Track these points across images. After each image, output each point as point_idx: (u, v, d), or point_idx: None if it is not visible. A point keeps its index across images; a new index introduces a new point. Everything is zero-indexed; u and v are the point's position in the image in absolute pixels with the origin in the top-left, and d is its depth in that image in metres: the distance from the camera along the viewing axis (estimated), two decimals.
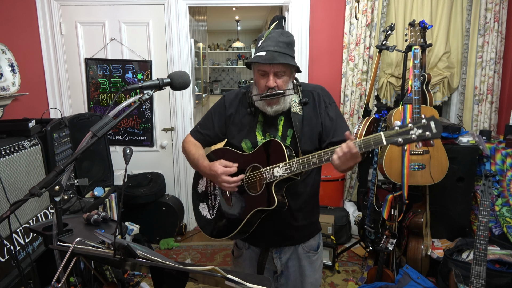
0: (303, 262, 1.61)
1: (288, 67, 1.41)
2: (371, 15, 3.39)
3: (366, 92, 3.48)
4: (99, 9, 3.45)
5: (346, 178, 3.76)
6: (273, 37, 1.41)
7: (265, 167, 1.42)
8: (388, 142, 1.15)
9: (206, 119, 1.65)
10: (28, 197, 1.02)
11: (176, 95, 3.61)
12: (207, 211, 1.63)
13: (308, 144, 1.47)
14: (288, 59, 1.39)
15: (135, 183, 3.54)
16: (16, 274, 1.77)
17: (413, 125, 1.12)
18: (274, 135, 1.50)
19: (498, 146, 3.00)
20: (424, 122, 1.11)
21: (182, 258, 3.34)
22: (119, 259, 0.98)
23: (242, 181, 1.49)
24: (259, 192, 1.44)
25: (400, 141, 1.14)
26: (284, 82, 1.42)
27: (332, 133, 1.47)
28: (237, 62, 8.86)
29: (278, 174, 1.38)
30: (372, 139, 1.19)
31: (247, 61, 1.45)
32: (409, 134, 1.13)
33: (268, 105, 1.45)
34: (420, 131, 1.11)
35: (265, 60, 1.35)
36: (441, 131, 1.10)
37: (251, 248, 1.64)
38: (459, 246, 2.68)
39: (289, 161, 1.36)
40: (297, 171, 1.35)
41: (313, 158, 1.31)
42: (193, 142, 1.64)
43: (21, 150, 1.95)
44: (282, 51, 1.38)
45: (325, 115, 1.49)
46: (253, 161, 1.47)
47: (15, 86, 2.81)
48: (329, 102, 1.53)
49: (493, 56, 3.37)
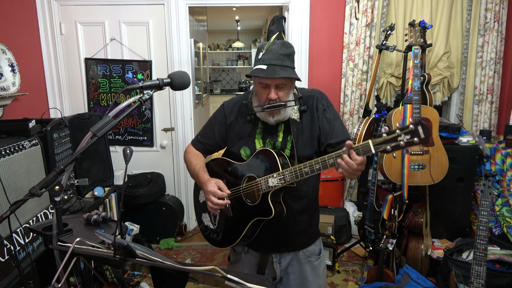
0: (305, 267, 1.59)
1: (289, 79, 1.42)
2: (371, 15, 3.39)
3: (366, 92, 3.48)
4: (99, 9, 3.45)
5: (346, 178, 3.76)
6: (274, 49, 1.40)
7: (260, 177, 1.44)
8: (377, 150, 1.16)
9: (206, 129, 1.66)
10: (28, 197, 1.02)
11: (176, 95, 3.61)
12: (209, 221, 1.65)
13: (307, 150, 1.49)
14: (289, 71, 1.39)
15: (135, 183, 3.54)
16: (16, 274, 1.77)
17: (401, 131, 1.11)
18: (274, 142, 1.51)
19: (498, 146, 3.00)
20: (411, 127, 1.10)
21: (182, 258, 3.34)
22: (119, 259, 0.98)
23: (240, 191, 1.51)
24: (257, 202, 1.46)
25: (389, 149, 1.14)
26: (285, 94, 1.43)
27: (329, 135, 1.49)
28: (237, 62, 8.86)
29: (273, 184, 1.40)
30: (361, 148, 1.20)
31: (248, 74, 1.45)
32: (397, 140, 1.12)
33: (270, 116, 1.46)
34: (408, 137, 1.11)
35: (267, 74, 1.36)
36: (428, 136, 1.09)
37: (250, 252, 1.63)
38: (459, 246, 2.68)
39: (282, 171, 1.38)
40: (290, 181, 1.37)
41: (305, 168, 1.33)
42: (194, 153, 1.66)
43: (21, 150, 1.95)
44: (283, 64, 1.38)
45: (322, 118, 1.51)
46: (248, 171, 1.50)
47: (15, 86, 2.81)
48: (327, 105, 1.54)
49: (493, 56, 3.37)
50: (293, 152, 1.47)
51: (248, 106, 1.53)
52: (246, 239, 1.54)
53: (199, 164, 1.60)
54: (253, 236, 1.52)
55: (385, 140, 1.14)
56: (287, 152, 1.49)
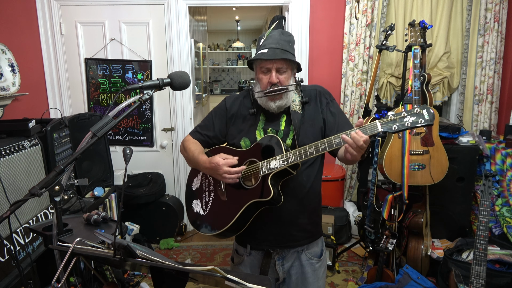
0: (306, 269, 1.60)
1: (290, 64, 1.45)
2: (371, 15, 3.39)
3: (366, 92, 3.48)
4: (99, 9, 3.45)
5: (346, 178, 3.76)
6: (274, 35, 1.45)
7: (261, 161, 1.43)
8: (384, 128, 1.20)
9: (206, 121, 1.66)
10: (28, 197, 1.02)
11: (176, 95, 3.61)
12: (200, 207, 1.61)
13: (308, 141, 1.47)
14: (289, 55, 1.43)
15: (135, 183, 3.54)
16: (16, 274, 1.77)
17: (407, 113, 1.17)
18: (277, 130, 1.52)
19: (498, 146, 3.00)
20: (417, 110, 1.16)
21: (182, 258, 3.34)
22: (119, 259, 0.98)
23: None
24: (255, 184, 1.44)
25: (395, 127, 1.18)
26: (286, 78, 1.45)
27: (336, 128, 1.50)
28: (237, 62, 8.86)
29: (275, 166, 1.38)
30: (368, 127, 1.22)
31: (250, 59, 1.48)
32: (402, 121, 1.17)
33: (271, 101, 1.47)
34: (413, 118, 1.16)
35: (267, 56, 1.40)
36: (433, 118, 1.16)
37: (253, 254, 1.62)
38: (459, 246, 2.68)
39: (286, 153, 1.38)
40: (294, 161, 1.36)
41: (310, 149, 1.33)
42: (192, 141, 1.65)
43: (21, 150, 1.95)
44: (283, 48, 1.42)
45: (327, 111, 1.53)
46: (250, 156, 1.48)
47: (15, 86, 2.81)
48: (330, 99, 1.57)
49: (493, 56, 3.37)
50: (294, 142, 1.47)
51: (250, 94, 1.54)
52: (237, 227, 1.48)
53: (198, 150, 1.59)
54: (245, 225, 1.48)
55: (392, 120, 1.19)
56: (288, 141, 1.50)
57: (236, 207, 1.46)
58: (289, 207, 1.50)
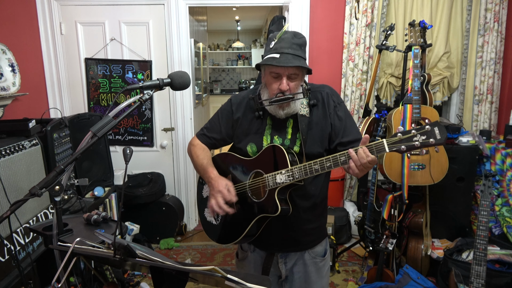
0: (309, 268, 1.59)
1: (301, 70, 1.40)
2: (371, 15, 3.39)
3: (366, 92, 3.48)
4: (99, 9, 3.45)
5: (346, 178, 3.76)
6: (286, 38, 1.38)
7: (267, 173, 1.41)
8: (391, 149, 1.15)
9: (212, 122, 1.63)
10: (28, 197, 1.02)
11: (176, 95, 3.61)
12: (212, 216, 1.62)
13: (316, 147, 1.46)
14: (302, 61, 1.37)
15: (135, 183, 3.54)
16: (16, 274, 1.77)
17: (417, 132, 1.11)
18: (283, 139, 1.49)
19: (498, 146, 3.00)
20: (427, 128, 1.09)
21: (182, 258, 3.34)
22: (119, 259, 0.98)
23: (246, 187, 1.48)
24: (263, 198, 1.43)
25: (403, 148, 1.13)
26: (296, 86, 1.41)
27: (341, 133, 1.46)
28: (237, 62, 8.86)
29: (281, 181, 1.37)
30: (375, 146, 1.19)
31: (260, 63, 1.41)
32: (412, 141, 1.11)
33: (279, 109, 1.43)
34: (423, 137, 1.10)
35: (280, 62, 1.33)
36: (445, 137, 1.08)
37: (257, 251, 1.62)
38: (459, 246, 2.68)
39: (291, 167, 1.35)
40: (299, 178, 1.34)
41: (315, 165, 1.30)
42: (200, 146, 1.62)
43: (21, 150, 1.95)
44: (296, 53, 1.36)
45: (334, 115, 1.48)
46: (256, 166, 1.47)
47: (15, 86, 2.81)
48: (338, 102, 1.51)
49: (493, 56, 3.37)
50: (301, 149, 1.44)
51: (255, 100, 1.48)
52: (249, 237, 1.51)
53: (206, 159, 1.57)
54: (256, 234, 1.49)
55: (400, 140, 1.13)
56: (296, 149, 1.46)
57: (246, 219, 1.48)
58: (297, 215, 1.49)
